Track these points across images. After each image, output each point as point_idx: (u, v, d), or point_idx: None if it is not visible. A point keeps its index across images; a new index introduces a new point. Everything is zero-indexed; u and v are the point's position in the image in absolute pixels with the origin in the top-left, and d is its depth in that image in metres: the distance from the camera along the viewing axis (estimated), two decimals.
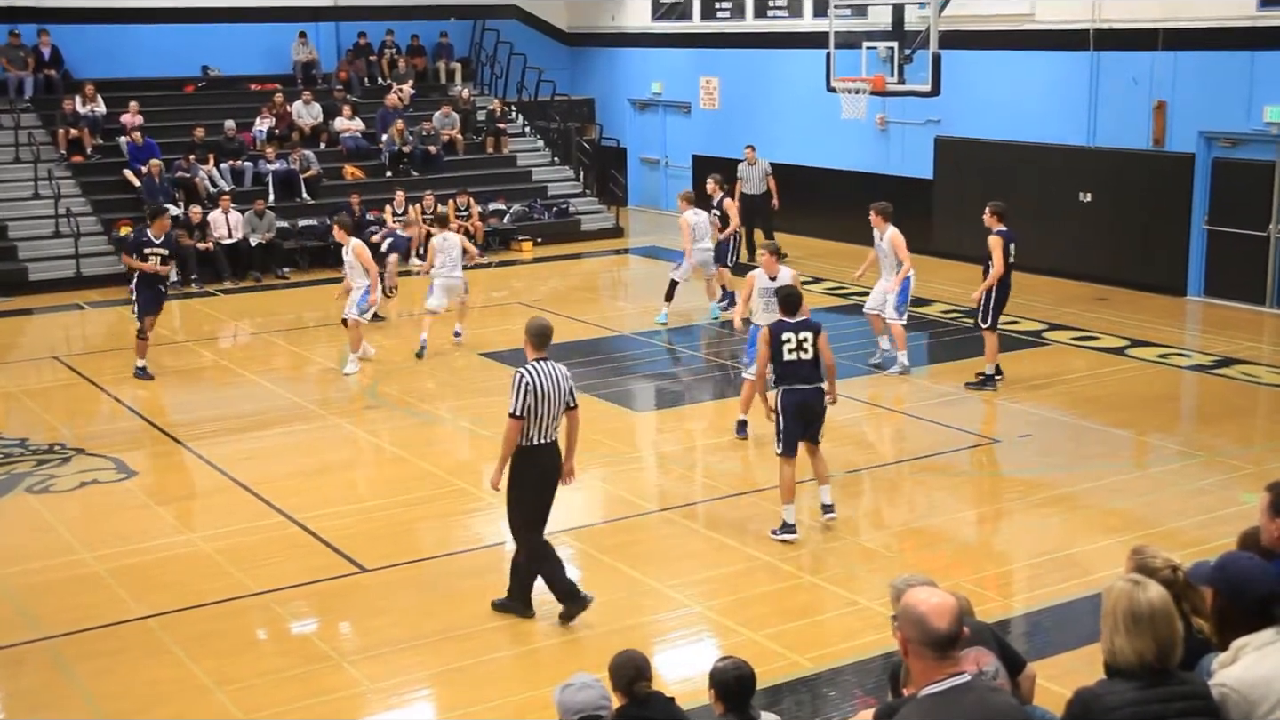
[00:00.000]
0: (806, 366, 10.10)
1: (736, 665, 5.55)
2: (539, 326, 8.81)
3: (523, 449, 8.62)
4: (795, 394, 10.13)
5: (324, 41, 27.10)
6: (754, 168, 21.91)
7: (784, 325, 10.18)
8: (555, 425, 8.68)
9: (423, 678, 8.30)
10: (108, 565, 9.97)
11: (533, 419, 8.53)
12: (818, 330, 10.18)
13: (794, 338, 10.08)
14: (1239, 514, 9.71)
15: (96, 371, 15.82)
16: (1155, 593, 4.18)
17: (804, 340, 10.08)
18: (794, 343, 10.07)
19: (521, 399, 8.47)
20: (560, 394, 8.62)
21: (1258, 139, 17.48)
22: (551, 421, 8.63)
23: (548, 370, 8.61)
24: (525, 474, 8.70)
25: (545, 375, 8.56)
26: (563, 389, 8.63)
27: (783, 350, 10.09)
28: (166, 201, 21.52)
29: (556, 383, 8.60)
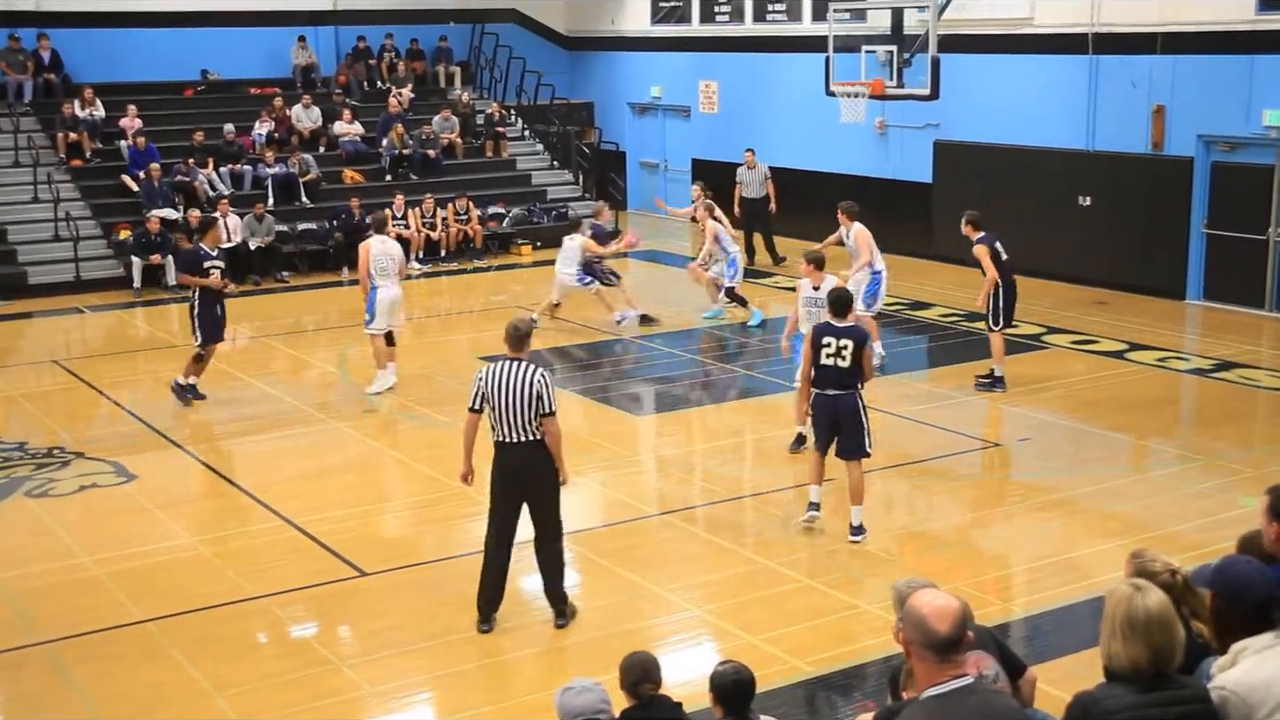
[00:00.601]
0: (841, 373, 10.02)
1: (735, 669, 5.55)
2: (510, 326, 8.78)
3: (495, 444, 8.68)
4: (826, 399, 10.12)
5: (323, 45, 27.12)
6: (754, 171, 21.93)
7: (829, 328, 10.11)
8: (524, 426, 8.51)
9: (423, 681, 8.29)
10: (107, 569, 9.97)
11: (492, 415, 8.56)
12: (861, 340, 10.07)
13: (835, 342, 10.01)
14: (1239, 517, 9.71)
15: (96, 375, 15.81)
16: (1155, 600, 4.17)
17: (844, 347, 9.99)
18: (834, 347, 10.00)
19: (474, 393, 8.62)
20: (522, 396, 8.45)
21: (1257, 143, 17.49)
22: (515, 421, 8.50)
23: (510, 370, 8.53)
24: (492, 470, 8.78)
25: (504, 374, 8.52)
26: (525, 392, 8.44)
27: (820, 354, 10.04)
28: (166, 205, 21.58)
29: (517, 383, 8.47)
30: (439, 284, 21.86)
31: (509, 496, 8.74)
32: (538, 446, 8.61)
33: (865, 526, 10.22)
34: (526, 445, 8.58)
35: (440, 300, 21.14)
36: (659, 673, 5.60)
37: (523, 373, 8.52)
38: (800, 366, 10.75)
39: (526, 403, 8.48)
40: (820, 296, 11.57)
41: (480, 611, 8.82)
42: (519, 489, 8.71)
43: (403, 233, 22.47)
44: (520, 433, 8.55)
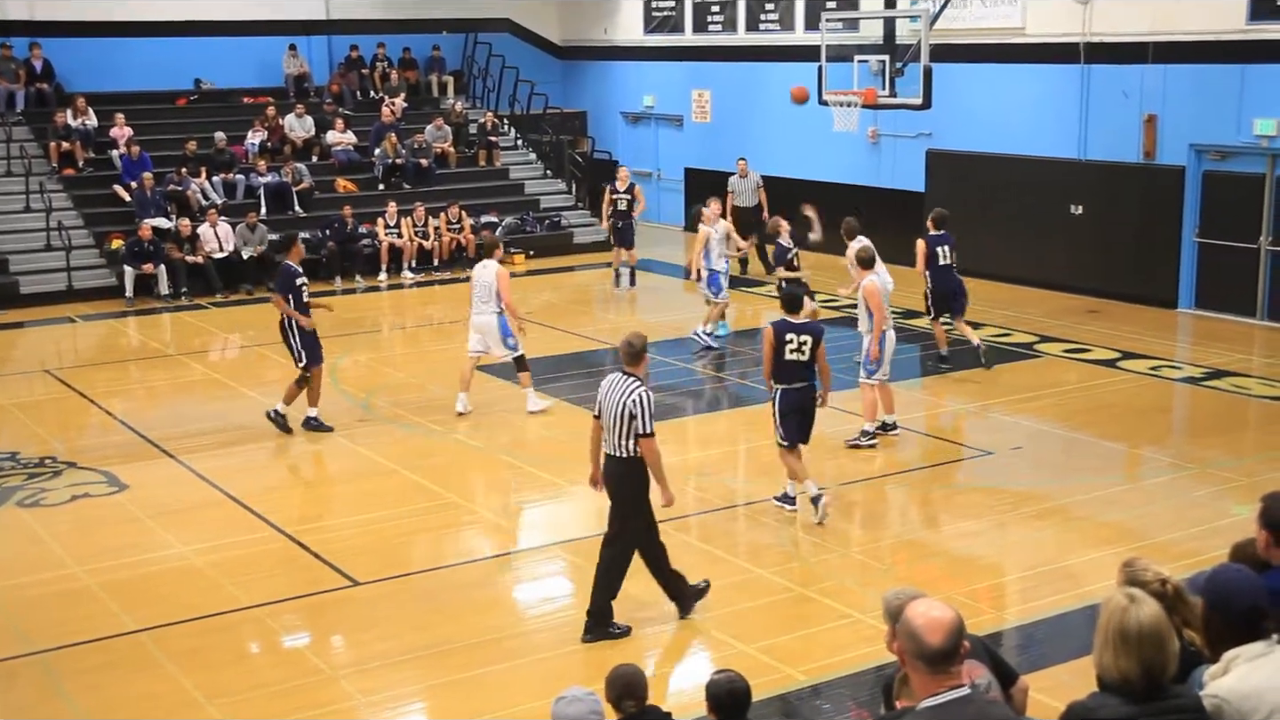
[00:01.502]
0: (804, 367, 10.55)
1: (730, 679, 5.54)
2: (623, 342, 8.79)
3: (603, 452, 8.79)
4: (795, 393, 10.60)
5: (316, 55, 27.13)
6: (745, 180, 21.95)
7: (788, 325, 10.55)
8: (619, 441, 8.55)
9: (415, 691, 8.28)
10: (99, 579, 9.94)
11: (605, 425, 8.65)
12: (819, 335, 10.58)
13: (796, 338, 10.50)
14: (1231, 526, 9.72)
15: (88, 385, 15.78)
16: (1147, 613, 4.15)
17: (804, 342, 10.50)
18: (795, 343, 10.48)
19: (597, 402, 8.71)
20: (619, 412, 8.48)
21: (1248, 152, 17.54)
22: (613, 435, 8.57)
23: (615, 384, 8.60)
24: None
25: (610, 387, 8.61)
26: (621, 407, 8.47)
27: (785, 350, 10.46)
28: (158, 214, 21.56)
29: (616, 399, 8.52)
30: (432, 293, 21.85)
31: (612, 502, 8.87)
32: (627, 463, 8.61)
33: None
34: (617, 460, 8.63)
35: (433, 309, 21.12)
36: (643, 689, 5.60)
37: (623, 389, 8.53)
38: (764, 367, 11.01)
39: (622, 420, 8.50)
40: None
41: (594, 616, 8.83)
42: (611, 499, 8.83)
43: (395, 242, 22.52)
44: (616, 447, 8.61)
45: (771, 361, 10.63)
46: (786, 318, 10.65)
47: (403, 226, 22.66)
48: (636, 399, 8.45)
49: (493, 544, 10.90)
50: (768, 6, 24.55)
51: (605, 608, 8.79)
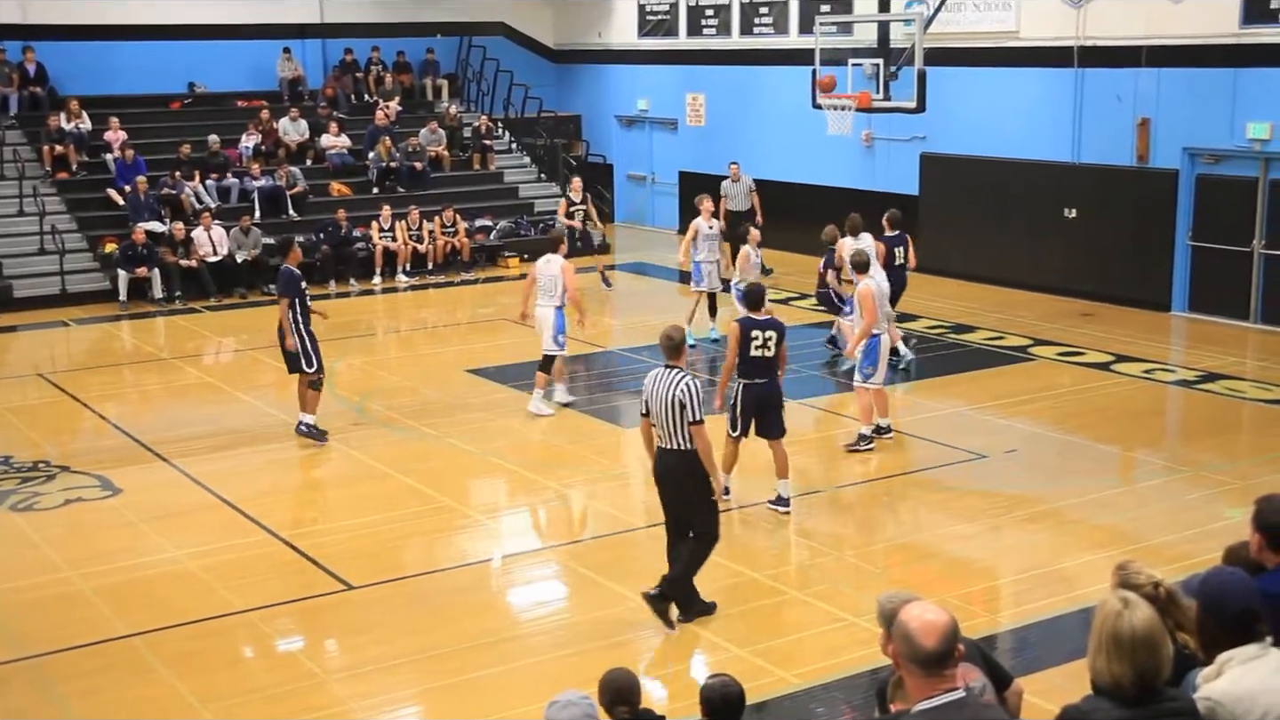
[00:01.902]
0: (768, 363, 10.79)
1: (724, 684, 5.55)
2: (662, 336, 9.00)
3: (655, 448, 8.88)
4: (757, 388, 10.82)
5: (310, 58, 27.13)
6: (738, 184, 21.95)
7: (753, 322, 10.81)
8: (674, 433, 8.67)
9: (409, 695, 8.27)
10: (92, 583, 9.93)
11: (654, 420, 8.75)
12: (781, 330, 10.84)
13: (761, 335, 10.75)
14: (1225, 529, 9.73)
15: (81, 389, 15.76)
16: (1141, 618, 4.13)
17: (769, 338, 10.75)
18: (760, 339, 10.75)
19: (642, 398, 8.84)
20: (669, 403, 8.62)
21: (1241, 155, 17.57)
22: (666, 428, 8.69)
23: (662, 378, 8.74)
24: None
25: (657, 382, 8.73)
26: (671, 399, 8.61)
27: (750, 346, 10.74)
28: (152, 218, 21.53)
29: (665, 391, 8.65)
30: (426, 297, 21.85)
31: (664, 500, 8.96)
32: (686, 455, 8.71)
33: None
34: (675, 453, 8.73)
35: (427, 313, 21.13)
36: (635, 694, 5.59)
37: (670, 381, 8.68)
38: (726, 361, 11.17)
39: (673, 410, 8.62)
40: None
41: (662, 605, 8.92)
42: (669, 494, 8.89)
43: (389, 245, 22.51)
44: (671, 439, 8.71)
45: (736, 357, 10.83)
46: (750, 315, 10.90)
47: (397, 230, 22.65)
48: (684, 388, 8.63)
49: (487, 548, 10.89)
50: (762, 10, 24.57)
51: (691, 591, 8.97)
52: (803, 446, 13.04)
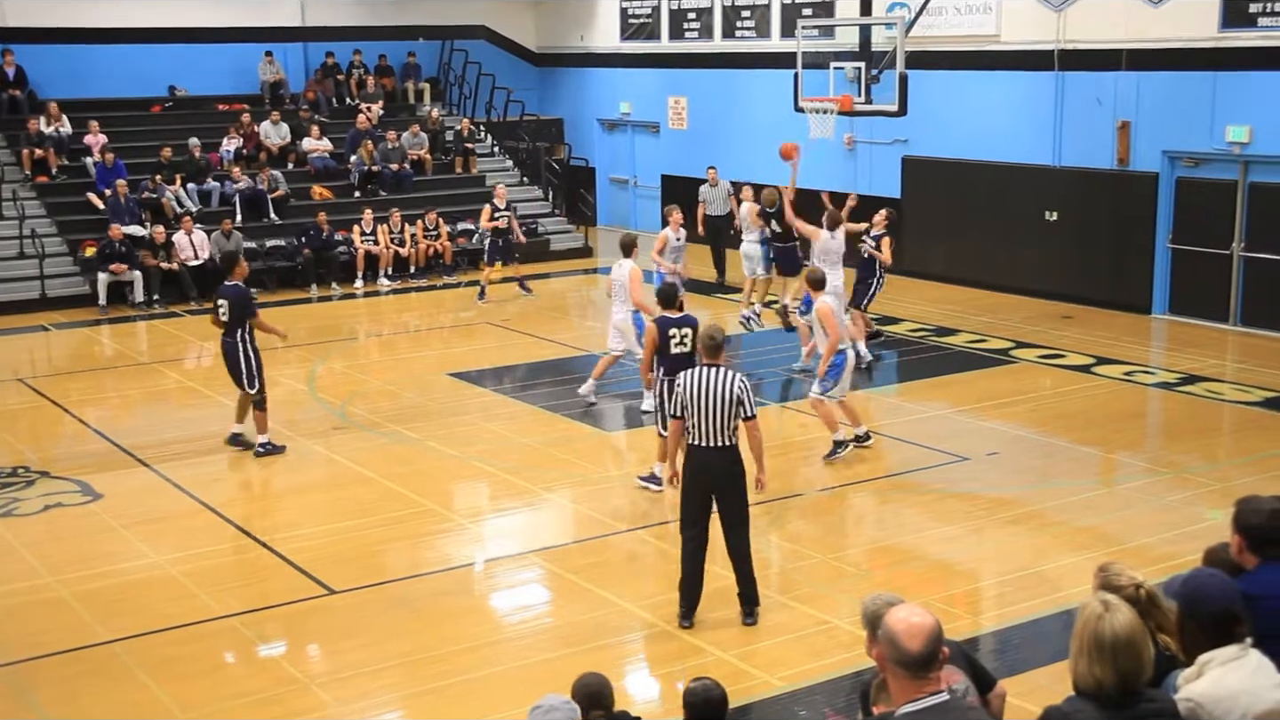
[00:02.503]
0: (688, 358, 11.08)
1: (706, 687, 5.55)
2: (705, 335, 9.11)
3: (688, 447, 8.90)
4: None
5: (292, 62, 27.07)
6: (716, 189, 21.97)
7: (669, 321, 11.30)
8: (722, 430, 8.71)
9: (392, 700, 8.24)
10: (72, 589, 9.87)
11: (690, 421, 8.75)
12: (695, 326, 11.08)
13: (678, 332, 11.28)
14: (1205, 530, 9.78)
15: (61, 394, 15.69)
16: (1122, 621, 4.15)
17: (685, 335, 11.23)
18: (678, 336, 11.27)
19: (676, 399, 8.87)
20: (723, 401, 8.65)
21: (1220, 158, 17.66)
22: (712, 425, 8.69)
23: (709, 376, 8.75)
24: (684, 471, 9.01)
25: (704, 381, 8.73)
26: (726, 397, 8.66)
27: (670, 344, 11.28)
28: (133, 221, 21.45)
29: (717, 389, 8.67)
30: (408, 300, 21.82)
31: (702, 498, 8.91)
32: (731, 451, 8.79)
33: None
34: (720, 450, 8.77)
35: (409, 317, 21.08)
36: (608, 697, 5.58)
37: (723, 379, 8.74)
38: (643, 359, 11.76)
39: (727, 408, 8.68)
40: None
41: (683, 609, 9.00)
42: (711, 491, 8.88)
43: (371, 249, 22.47)
44: (717, 438, 8.73)
45: (653, 356, 11.41)
46: (666, 314, 11.38)
47: (379, 234, 22.61)
48: (741, 384, 8.76)
49: (469, 552, 10.87)
50: (744, 14, 24.61)
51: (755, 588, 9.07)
52: (784, 449, 13.06)
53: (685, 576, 9.00)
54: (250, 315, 13.07)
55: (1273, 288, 17.34)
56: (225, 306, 12.93)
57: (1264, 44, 16.96)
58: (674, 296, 11.53)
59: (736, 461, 8.86)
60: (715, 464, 8.80)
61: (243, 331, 12.94)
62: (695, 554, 8.96)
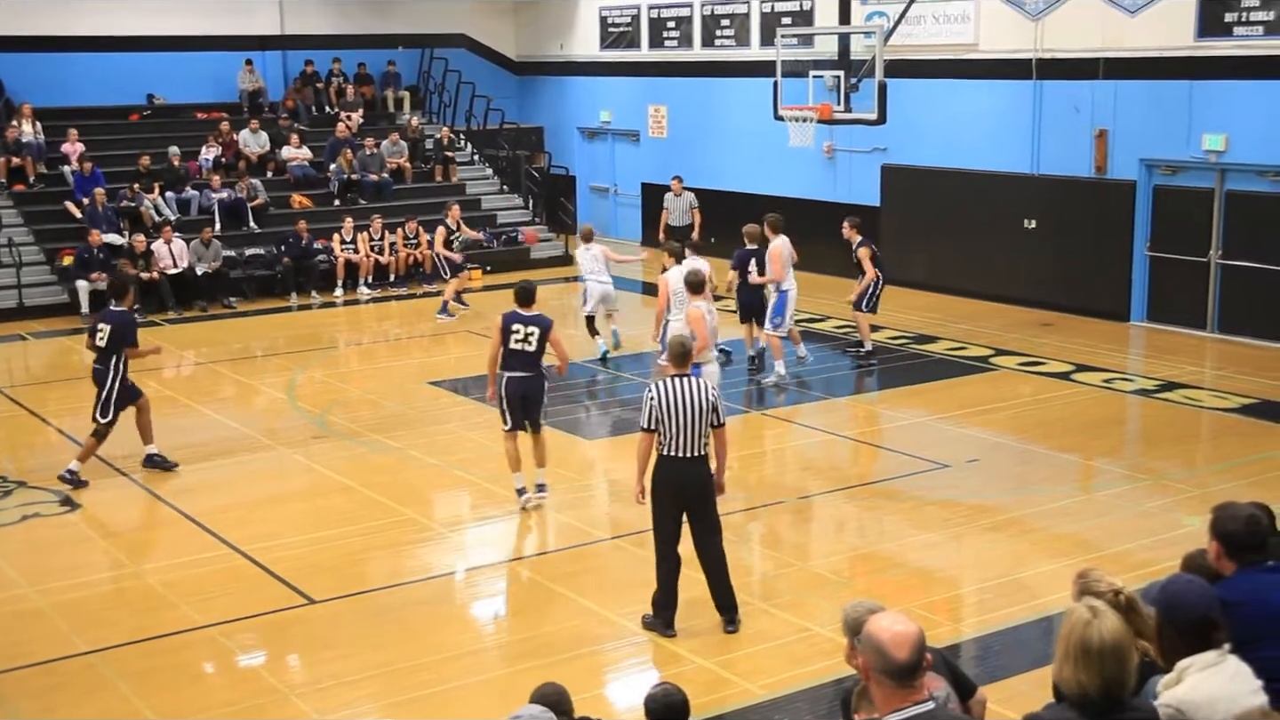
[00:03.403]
0: (530, 356, 11.20)
1: (666, 691, 5.55)
2: (675, 343, 9.09)
3: (659, 458, 8.84)
4: (516, 381, 11.23)
5: (270, 70, 27.01)
6: (680, 199, 21.98)
7: (517, 316, 11.29)
8: (697, 440, 8.72)
9: (372, 710, 8.22)
10: (50, 600, 9.82)
11: (664, 432, 8.70)
12: (546, 327, 11.24)
13: (522, 329, 11.23)
14: (1184, 536, 9.81)
15: (39, 403, 15.61)
16: (1109, 627, 4.12)
17: (530, 334, 11.19)
18: (522, 334, 11.20)
19: (647, 412, 8.75)
20: (699, 410, 8.67)
21: (1197, 166, 17.76)
22: (689, 435, 8.69)
23: (683, 386, 8.73)
24: (656, 483, 8.92)
25: (678, 391, 8.70)
26: (703, 406, 8.68)
27: (510, 339, 11.24)
28: (111, 230, 21.36)
29: (692, 399, 8.67)
30: (388, 309, 21.77)
31: (676, 508, 8.90)
32: (704, 460, 8.83)
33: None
34: (695, 460, 8.78)
35: (389, 325, 21.04)
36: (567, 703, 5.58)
37: (697, 388, 8.75)
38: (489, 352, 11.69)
39: (702, 416, 8.69)
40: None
41: (664, 619, 8.98)
42: (685, 501, 8.87)
43: (351, 257, 22.43)
44: (691, 447, 8.73)
45: (497, 349, 11.33)
46: (517, 309, 11.35)
47: (359, 242, 22.58)
48: (715, 392, 8.84)
49: (450, 561, 10.85)
50: (723, 22, 24.66)
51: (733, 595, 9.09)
52: (763, 458, 13.08)
53: (666, 590, 8.97)
54: (130, 344, 12.69)
55: (1250, 295, 17.44)
56: (105, 332, 12.57)
57: (1240, 53, 17.08)
58: (529, 295, 11.42)
59: (709, 470, 8.90)
60: (692, 474, 8.80)
61: (117, 359, 12.57)
62: (675, 569, 8.95)
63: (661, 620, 8.99)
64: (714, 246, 21.88)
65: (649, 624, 9.04)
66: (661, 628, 8.97)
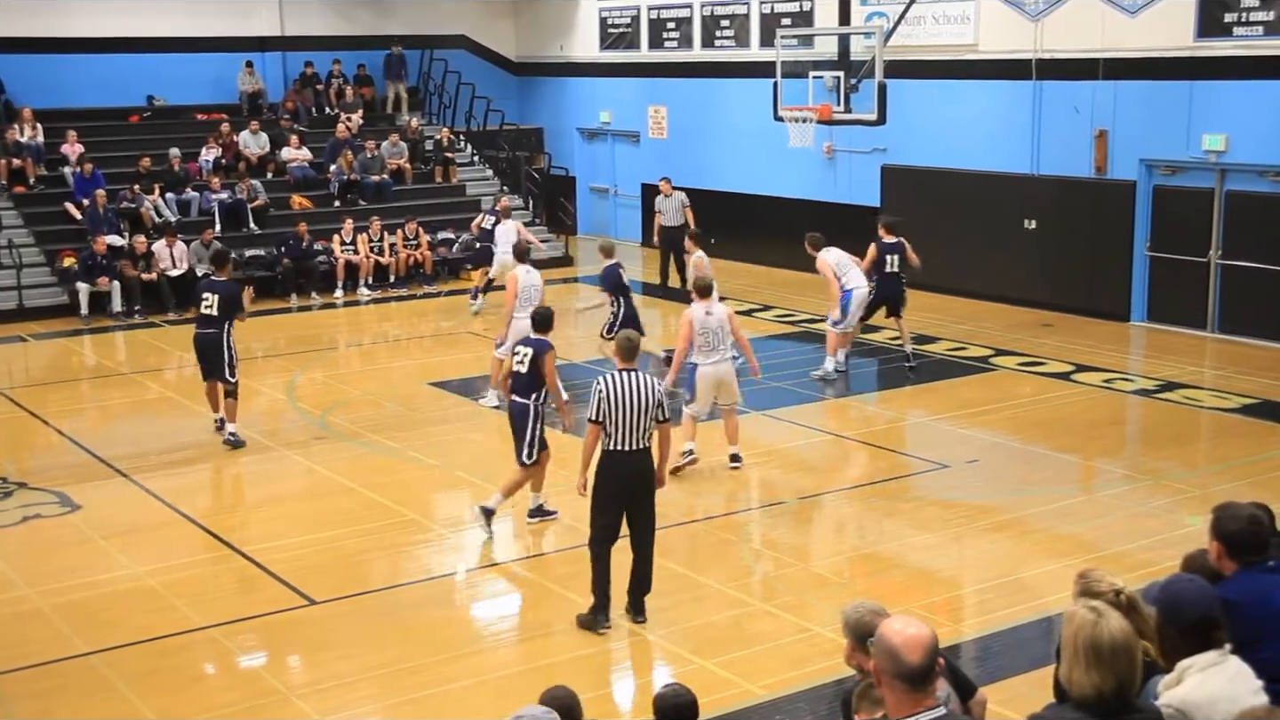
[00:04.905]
0: (519, 380, 10.81)
1: (675, 692, 5.54)
2: (623, 338, 9.22)
3: (603, 452, 8.91)
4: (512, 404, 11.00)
5: (270, 71, 27.01)
6: (670, 199, 21.97)
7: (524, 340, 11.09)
8: (642, 434, 8.84)
9: (373, 711, 8.21)
10: (51, 601, 9.81)
11: (611, 425, 8.79)
12: (542, 350, 10.72)
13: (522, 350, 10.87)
14: (1184, 536, 9.81)
15: (39, 404, 15.60)
16: (1117, 625, 4.10)
17: (527, 354, 10.75)
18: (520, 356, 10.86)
19: (595, 404, 8.83)
20: (644, 404, 8.78)
21: (1196, 166, 17.76)
22: (633, 430, 8.79)
23: (629, 380, 8.84)
24: (601, 477, 8.98)
25: (624, 385, 8.80)
26: (648, 400, 8.79)
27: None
28: (111, 232, 21.36)
29: (638, 393, 8.79)
30: (388, 310, 21.77)
31: (620, 502, 8.97)
32: (648, 454, 8.94)
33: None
34: (641, 453, 8.90)
35: (389, 326, 21.05)
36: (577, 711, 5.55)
37: (644, 382, 8.87)
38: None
39: (647, 411, 8.81)
40: (711, 322, 12.20)
41: (603, 614, 9.05)
42: (629, 495, 8.95)
43: (351, 258, 22.43)
44: (638, 441, 8.84)
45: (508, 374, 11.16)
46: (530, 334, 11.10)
47: (359, 243, 22.57)
48: (661, 387, 8.97)
49: (450, 562, 10.85)
50: (723, 23, 24.66)
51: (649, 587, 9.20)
52: (763, 458, 13.07)
53: (601, 580, 9.05)
54: (237, 311, 13.62)
55: (1249, 295, 17.44)
56: (213, 301, 13.51)
57: (1240, 53, 17.07)
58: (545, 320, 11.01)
59: (651, 463, 9.02)
60: (636, 467, 8.91)
61: (228, 325, 13.56)
62: (608, 558, 9.05)
63: (600, 615, 9.05)
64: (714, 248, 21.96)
65: (584, 623, 9.06)
66: (598, 624, 9.02)
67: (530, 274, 14.45)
